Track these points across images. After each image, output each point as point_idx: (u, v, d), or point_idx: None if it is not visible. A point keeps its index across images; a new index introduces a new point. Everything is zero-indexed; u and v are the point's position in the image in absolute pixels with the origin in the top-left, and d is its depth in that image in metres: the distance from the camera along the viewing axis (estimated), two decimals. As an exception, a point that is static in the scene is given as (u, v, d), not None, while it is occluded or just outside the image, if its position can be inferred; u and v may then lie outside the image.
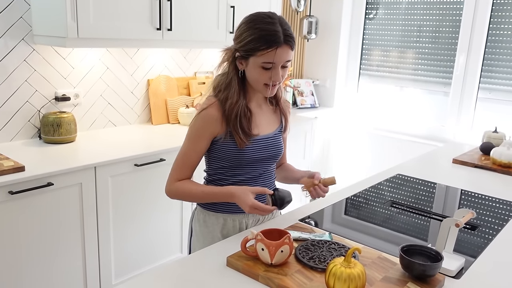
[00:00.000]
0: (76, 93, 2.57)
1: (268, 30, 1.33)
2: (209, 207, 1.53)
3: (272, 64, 1.35)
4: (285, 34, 1.34)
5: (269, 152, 1.51)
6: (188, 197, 1.49)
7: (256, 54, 1.34)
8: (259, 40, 1.33)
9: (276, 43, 1.32)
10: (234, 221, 1.52)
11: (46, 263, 2.05)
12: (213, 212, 1.52)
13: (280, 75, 1.38)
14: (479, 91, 3.37)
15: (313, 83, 4.07)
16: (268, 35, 1.33)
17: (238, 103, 1.40)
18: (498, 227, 1.59)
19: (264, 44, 1.32)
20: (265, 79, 1.38)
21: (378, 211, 1.73)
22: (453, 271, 1.22)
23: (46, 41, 2.29)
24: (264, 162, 1.52)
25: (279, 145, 1.55)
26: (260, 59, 1.34)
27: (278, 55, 1.34)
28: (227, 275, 1.18)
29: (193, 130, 1.45)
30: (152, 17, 2.45)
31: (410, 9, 3.62)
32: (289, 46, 1.36)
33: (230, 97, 1.40)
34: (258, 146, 1.48)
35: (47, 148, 2.29)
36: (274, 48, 1.32)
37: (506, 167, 2.23)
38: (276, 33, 1.33)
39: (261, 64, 1.35)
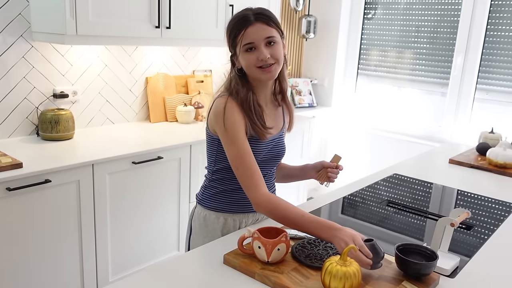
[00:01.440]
0: (74, 90, 2.57)
1: (237, 17, 1.39)
2: (210, 205, 1.52)
3: (252, 44, 1.36)
4: (255, 13, 1.37)
5: (275, 153, 1.52)
6: (282, 215, 1.30)
7: (236, 42, 1.38)
8: (232, 28, 1.39)
9: (246, 22, 1.36)
10: (234, 220, 1.51)
11: (43, 260, 2.06)
12: (214, 212, 1.52)
13: (265, 52, 1.36)
14: (476, 91, 3.39)
15: (311, 82, 4.08)
16: (237, 20, 1.38)
17: (248, 96, 1.41)
18: (493, 227, 1.60)
19: (236, 29, 1.38)
20: (253, 61, 1.37)
21: (375, 210, 1.74)
22: (448, 270, 1.23)
23: (45, 38, 2.29)
24: (269, 163, 1.52)
25: (284, 146, 1.56)
26: (240, 44, 1.38)
27: (252, 33, 1.35)
28: (224, 272, 1.19)
29: (231, 129, 1.36)
30: (151, 15, 2.45)
31: (408, 10, 3.63)
32: (261, 22, 1.37)
33: (239, 92, 1.41)
34: (265, 146, 1.48)
35: (45, 145, 2.30)
36: (244, 29, 1.36)
37: (502, 167, 2.24)
38: (245, 15, 1.37)
39: (243, 49, 1.38)
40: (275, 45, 1.39)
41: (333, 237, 1.19)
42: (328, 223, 1.24)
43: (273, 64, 1.39)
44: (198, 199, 1.58)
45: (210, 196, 1.53)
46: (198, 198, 1.58)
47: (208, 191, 1.54)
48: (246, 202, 1.48)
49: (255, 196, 1.34)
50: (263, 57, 1.36)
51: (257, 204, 1.33)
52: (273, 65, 1.39)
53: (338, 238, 1.18)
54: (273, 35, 1.38)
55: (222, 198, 1.51)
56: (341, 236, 1.17)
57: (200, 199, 1.56)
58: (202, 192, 1.57)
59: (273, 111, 1.53)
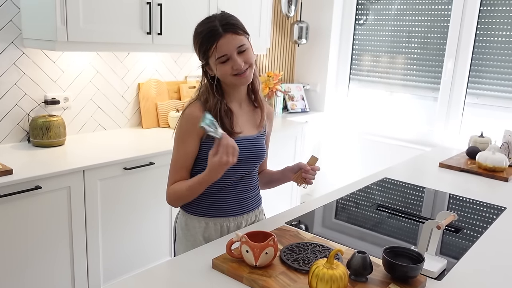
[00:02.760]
0: (65, 96, 2.58)
1: (206, 30, 1.40)
2: (191, 210, 1.53)
3: (226, 56, 1.39)
4: (222, 24, 1.38)
5: (251, 154, 1.52)
6: (181, 198, 1.48)
7: (208, 55, 1.41)
8: (202, 43, 1.40)
9: (215, 36, 1.37)
10: (215, 224, 1.52)
11: (34, 266, 2.05)
12: (195, 216, 1.53)
13: (239, 61, 1.39)
14: (467, 96, 3.42)
15: (303, 87, 4.10)
16: (206, 34, 1.39)
17: (217, 103, 1.45)
18: (481, 229, 1.61)
19: (206, 44, 1.39)
20: (228, 71, 1.41)
21: (364, 214, 1.74)
22: (435, 272, 1.24)
23: (36, 44, 2.30)
24: (246, 164, 1.52)
25: (262, 147, 1.56)
26: (213, 57, 1.40)
27: (223, 46, 1.37)
28: (212, 277, 1.19)
29: (179, 133, 1.47)
30: (142, 21, 2.46)
31: (399, 15, 3.67)
32: (231, 32, 1.39)
33: (209, 100, 1.45)
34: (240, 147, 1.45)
35: (36, 152, 2.29)
36: (215, 43, 1.37)
37: (491, 171, 2.26)
38: (213, 28, 1.38)
39: (217, 61, 1.40)
40: (246, 51, 1.42)
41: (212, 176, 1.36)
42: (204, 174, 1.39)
43: (247, 69, 1.42)
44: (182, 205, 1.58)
45: (191, 201, 1.52)
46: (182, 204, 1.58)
47: None
48: (227, 205, 1.51)
49: (166, 199, 1.49)
50: (238, 66, 1.40)
51: (168, 203, 1.50)
52: (247, 70, 1.43)
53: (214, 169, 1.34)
54: (243, 43, 1.41)
55: (202, 202, 1.51)
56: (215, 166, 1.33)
57: (183, 205, 1.56)
58: None
59: (248, 113, 1.55)
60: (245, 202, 1.56)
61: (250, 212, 1.58)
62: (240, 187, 1.54)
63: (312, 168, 1.53)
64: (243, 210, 1.56)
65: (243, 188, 1.55)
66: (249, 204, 1.58)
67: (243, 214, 1.56)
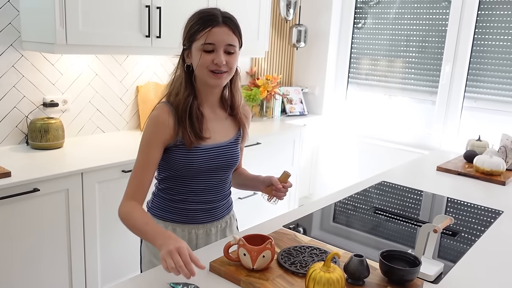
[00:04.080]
0: (64, 99, 2.58)
1: (206, 13, 1.35)
2: (159, 214, 1.47)
3: (212, 46, 1.32)
4: (223, 16, 1.34)
5: (222, 162, 1.44)
6: (132, 224, 1.32)
7: (196, 37, 1.33)
8: (197, 22, 1.34)
9: (212, 21, 1.32)
10: (183, 230, 1.46)
11: (32, 269, 2.05)
12: (162, 221, 1.46)
13: (222, 57, 1.32)
14: (465, 100, 3.43)
15: (302, 90, 4.11)
16: (205, 16, 1.34)
17: (187, 98, 1.36)
18: (478, 233, 1.62)
19: (201, 24, 1.32)
20: (208, 62, 1.32)
21: (362, 217, 1.75)
22: (432, 276, 1.24)
23: (35, 47, 2.30)
24: (217, 172, 1.45)
25: (235, 155, 1.47)
26: (200, 41, 1.32)
27: (215, 34, 1.31)
28: (210, 280, 1.19)
29: (144, 138, 1.37)
30: (141, 24, 2.47)
31: (397, 19, 3.68)
32: (227, 26, 1.33)
33: (179, 93, 1.37)
34: (209, 155, 1.40)
35: (34, 154, 2.29)
36: (210, 27, 1.31)
37: (488, 174, 2.27)
38: (214, 14, 1.34)
39: (201, 47, 1.32)
40: (233, 55, 1.36)
41: (162, 245, 1.16)
42: (164, 232, 1.22)
43: (225, 72, 1.35)
44: (148, 207, 1.52)
45: (158, 205, 1.47)
46: (148, 206, 1.52)
47: (157, 200, 1.49)
48: (195, 213, 1.45)
49: (119, 209, 1.35)
50: (219, 61, 1.32)
51: (119, 215, 1.34)
52: (224, 73, 1.35)
53: (165, 246, 1.14)
54: (235, 44, 1.35)
55: (170, 208, 1.45)
56: (168, 244, 1.14)
57: (149, 207, 1.51)
58: (152, 199, 1.52)
59: (222, 120, 1.46)
60: (215, 210, 1.49)
61: (219, 219, 1.52)
62: (210, 196, 1.46)
63: (283, 186, 1.45)
64: (212, 218, 1.49)
65: (213, 197, 1.48)
66: (218, 212, 1.51)
67: (212, 221, 1.50)
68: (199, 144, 1.38)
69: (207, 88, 1.40)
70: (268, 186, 1.48)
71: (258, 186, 1.53)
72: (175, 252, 1.11)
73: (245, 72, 3.75)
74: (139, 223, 1.29)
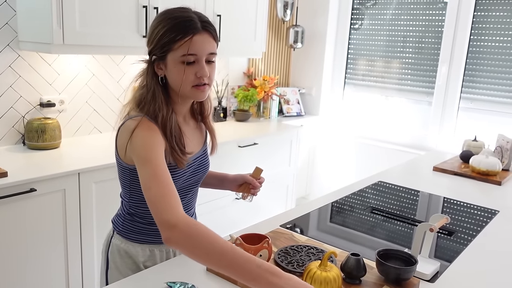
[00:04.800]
0: (61, 99, 2.58)
1: (182, 17, 1.16)
2: (134, 238, 1.33)
3: (194, 57, 1.16)
4: (201, 20, 1.17)
5: (199, 174, 1.35)
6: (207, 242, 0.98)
7: (173, 47, 1.15)
8: (173, 29, 1.14)
9: (192, 28, 1.15)
10: (161, 251, 1.36)
11: (29, 269, 2.04)
12: (139, 244, 1.33)
13: (206, 69, 1.17)
14: (461, 100, 3.44)
15: (299, 91, 4.12)
16: (182, 21, 1.15)
17: (170, 117, 1.20)
18: (474, 232, 1.63)
19: (179, 32, 1.14)
20: (191, 77, 1.17)
21: (359, 217, 1.75)
22: (428, 275, 1.25)
23: (32, 47, 2.30)
24: (193, 187, 1.37)
25: (208, 164, 1.40)
26: (178, 52, 1.15)
27: (197, 43, 1.15)
28: (207, 280, 1.20)
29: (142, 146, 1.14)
30: (138, 24, 2.47)
31: (394, 20, 3.70)
32: (208, 33, 1.18)
33: (160, 110, 1.19)
34: (190, 169, 1.30)
35: (31, 154, 2.29)
36: (191, 36, 1.14)
37: (484, 174, 2.28)
38: (192, 19, 1.16)
39: (181, 59, 1.16)
40: (213, 64, 1.22)
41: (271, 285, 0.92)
42: (268, 266, 0.94)
43: (206, 84, 1.21)
44: (117, 229, 1.36)
45: (132, 229, 1.33)
46: (118, 229, 1.36)
47: (130, 223, 1.34)
48: None
49: (170, 217, 1.01)
50: (204, 73, 1.17)
51: (174, 225, 1.00)
52: (206, 85, 1.21)
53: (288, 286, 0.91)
54: (215, 52, 1.21)
55: (146, 231, 1.33)
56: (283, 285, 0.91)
57: (120, 230, 1.35)
58: (122, 223, 1.35)
59: (192, 129, 1.35)
60: None
61: None
62: (187, 211, 1.38)
63: (258, 181, 1.43)
64: None
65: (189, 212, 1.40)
66: None
67: None
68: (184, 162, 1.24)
69: (182, 100, 1.26)
70: (240, 184, 1.47)
71: (227, 185, 1.50)
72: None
73: (242, 73, 3.75)
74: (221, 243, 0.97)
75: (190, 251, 0.99)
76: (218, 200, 2.90)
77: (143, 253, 1.34)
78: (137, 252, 1.34)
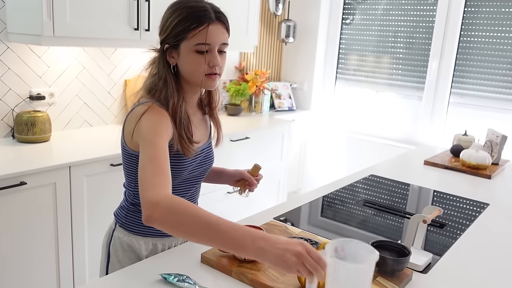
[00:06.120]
0: (51, 92, 2.55)
1: (196, 7, 1.18)
2: (136, 230, 1.33)
3: (208, 46, 1.18)
4: (215, 11, 1.21)
5: (205, 165, 1.37)
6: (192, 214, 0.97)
7: (187, 36, 1.17)
8: (188, 18, 1.17)
9: (207, 18, 1.17)
10: (163, 245, 1.36)
11: (19, 262, 2.02)
12: (142, 236, 1.33)
13: (219, 59, 1.20)
14: (451, 95, 3.47)
15: (290, 86, 4.12)
16: (197, 11, 1.17)
17: (181, 104, 1.22)
18: (465, 226, 1.65)
19: (194, 21, 1.16)
20: (203, 65, 1.19)
21: (350, 211, 1.76)
22: (421, 266, 1.26)
23: (21, 39, 2.26)
24: (199, 178, 1.39)
25: (212, 156, 1.41)
26: (192, 41, 1.18)
27: (212, 33, 1.18)
28: (201, 271, 1.19)
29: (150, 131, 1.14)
30: (129, 17, 2.45)
31: (385, 15, 3.71)
32: (222, 24, 1.21)
33: (171, 97, 1.21)
34: (197, 159, 1.32)
35: (21, 147, 2.26)
36: (206, 25, 1.16)
37: (474, 168, 2.30)
38: (206, 9, 1.19)
39: (194, 48, 1.18)
40: (224, 55, 1.25)
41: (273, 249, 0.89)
42: (254, 231, 0.94)
43: (217, 74, 1.23)
44: (120, 222, 1.36)
45: (135, 221, 1.34)
46: (120, 221, 1.36)
47: (132, 215, 1.34)
48: None
49: (155, 195, 1.00)
50: (217, 63, 1.20)
51: (156, 203, 0.99)
52: (217, 75, 1.24)
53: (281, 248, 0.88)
54: (228, 42, 1.25)
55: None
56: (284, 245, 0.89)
57: (123, 223, 1.35)
58: (125, 215, 1.36)
59: (200, 120, 1.37)
60: None
61: None
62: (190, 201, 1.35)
63: (256, 179, 1.45)
64: None
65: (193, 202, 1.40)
66: None
67: None
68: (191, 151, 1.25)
69: (192, 89, 1.29)
70: (238, 180, 1.50)
71: (224, 179, 1.52)
72: (305, 253, 0.88)
73: (234, 67, 3.74)
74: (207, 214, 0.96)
75: (174, 227, 0.98)
76: (210, 194, 2.89)
77: (146, 246, 1.34)
78: (140, 245, 1.34)
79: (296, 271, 0.88)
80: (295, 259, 0.88)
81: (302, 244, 0.89)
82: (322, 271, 0.87)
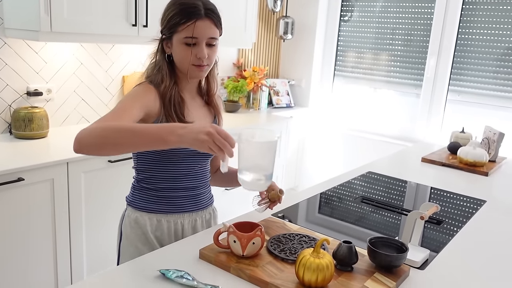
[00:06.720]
0: (48, 88, 2.54)
1: (188, 4, 1.32)
2: (142, 206, 1.45)
3: (195, 40, 1.32)
4: (205, 8, 1.33)
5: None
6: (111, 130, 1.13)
7: (178, 29, 1.32)
8: (179, 13, 1.32)
9: (195, 14, 1.31)
10: (168, 222, 1.45)
11: (16, 259, 2.02)
12: (146, 212, 1.44)
13: (205, 51, 1.34)
14: (449, 93, 3.48)
15: (288, 83, 4.12)
16: (187, 7, 1.31)
17: (171, 87, 1.36)
18: (461, 223, 1.65)
19: (183, 17, 1.31)
20: (189, 57, 1.34)
21: (347, 208, 1.77)
22: (418, 262, 1.27)
23: (18, 34, 2.25)
24: (199, 158, 1.45)
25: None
26: (181, 34, 1.32)
27: (199, 28, 1.31)
28: (199, 267, 1.20)
29: (128, 96, 1.33)
30: (127, 13, 2.44)
31: (383, 13, 3.71)
32: (210, 20, 1.33)
33: (163, 81, 1.36)
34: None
35: (18, 143, 2.26)
36: (194, 21, 1.30)
37: (471, 165, 2.31)
38: (196, 6, 1.32)
39: (183, 40, 1.32)
40: (213, 47, 1.38)
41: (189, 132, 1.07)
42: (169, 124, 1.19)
43: (206, 65, 1.37)
44: (128, 200, 1.50)
45: (141, 197, 1.45)
46: (128, 200, 1.49)
47: (138, 192, 1.46)
48: (180, 201, 1.45)
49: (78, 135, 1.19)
50: (203, 55, 1.34)
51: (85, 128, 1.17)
52: (205, 66, 1.37)
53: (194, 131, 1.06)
54: (216, 37, 1.37)
55: (153, 198, 1.44)
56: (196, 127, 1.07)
57: (130, 201, 1.48)
58: (132, 193, 1.49)
59: (199, 107, 1.49)
60: (199, 198, 1.50)
61: (204, 209, 1.53)
62: (193, 182, 1.47)
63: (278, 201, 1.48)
64: (198, 206, 1.50)
65: (196, 183, 1.49)
66: (203, 200, 1.52)
67: (197, 211, 1.50)
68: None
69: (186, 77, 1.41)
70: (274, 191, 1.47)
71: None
72: (214, 132, 1.06)
73: (231, 64, 3.74)
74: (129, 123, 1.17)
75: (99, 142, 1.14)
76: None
77: (151, 222, 1.44)
78: (145, 221, 1.44)
79: (208, 148, 1.06)
80: (206, 137, 1.06)
81: (213, 126, 1.08)
82: (230, 148, 1.06)
